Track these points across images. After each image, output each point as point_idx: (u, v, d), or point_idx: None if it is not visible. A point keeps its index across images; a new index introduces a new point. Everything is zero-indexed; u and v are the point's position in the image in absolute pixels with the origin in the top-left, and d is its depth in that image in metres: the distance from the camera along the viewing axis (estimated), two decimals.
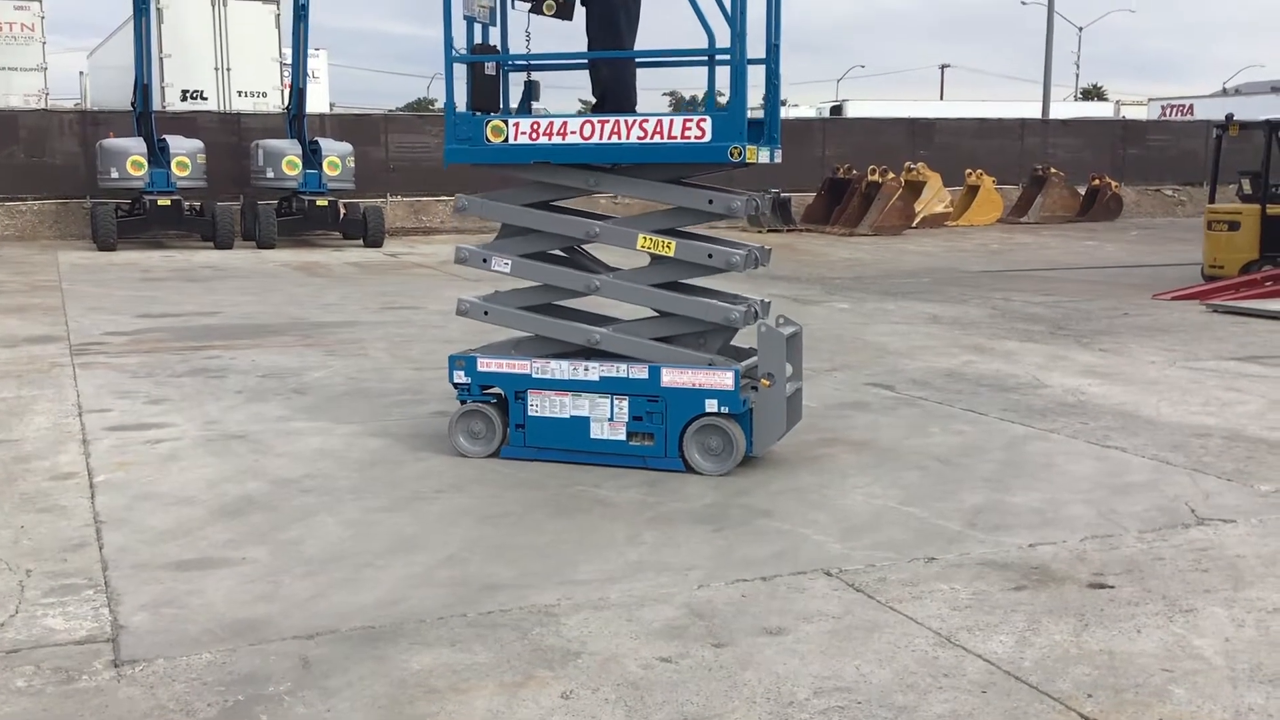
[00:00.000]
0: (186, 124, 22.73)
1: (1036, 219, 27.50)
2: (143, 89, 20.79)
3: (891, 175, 25.06)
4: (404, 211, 25.39)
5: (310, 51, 22.58)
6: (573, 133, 6.20)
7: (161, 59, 23.58)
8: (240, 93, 25.07)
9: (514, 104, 6.75)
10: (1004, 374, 9.06)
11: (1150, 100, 48.79)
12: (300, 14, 20.79)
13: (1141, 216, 30.12)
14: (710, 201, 6.21)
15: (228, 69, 24.93)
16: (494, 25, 6.71)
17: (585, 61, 6.70)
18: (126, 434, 7.07)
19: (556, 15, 6.56)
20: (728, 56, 5.99)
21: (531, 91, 6.81)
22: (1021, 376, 8.96)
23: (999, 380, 8.81)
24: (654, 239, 6.28)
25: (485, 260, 6.56)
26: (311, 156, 21.23)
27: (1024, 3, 57.54)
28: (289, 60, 22.74)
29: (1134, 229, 26.36)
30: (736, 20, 5.93)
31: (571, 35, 6.66)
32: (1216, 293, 13.69)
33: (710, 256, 6.23)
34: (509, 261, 6.51)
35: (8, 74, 26.00)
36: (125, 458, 6.54)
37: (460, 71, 6.44)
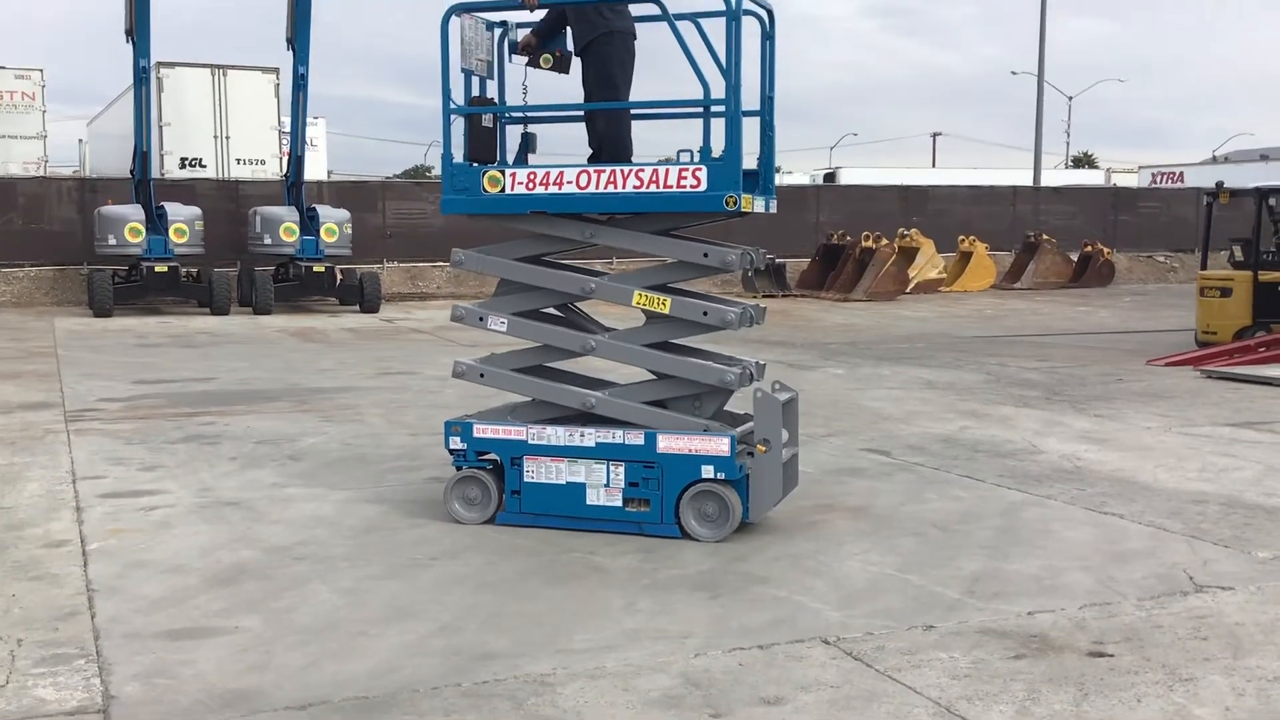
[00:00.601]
0: (185, 191, 22.88)
1: (1029, 285, 27.67)
2: (142, 156, 20.96)
3: (885, 241, 25.24)
4: (400, 277, 25.49)
5: (309, 119, 22.81)
6: (569, 182, 6.24)
7: (161, 127, 23.81)
8: (239, 160, 25.27)
9: (511, 156, 6.82)
10: (1000, 440, 9.06)
11: (1141, 168, 49.28)
12: (299, 83, 21.04)
13: (1134, 283, 30.30)
14: (705, 255, 6.23)
15: (227, 137, 25.15)
16: (491, 78, 6.79)
17: (582, 114, 6.78)
18: (120, 501, 7.04)
19: (554, 69, 6.65)
20: (723, 108, 6.05)
21: (529, 144, 6.87)
22: (1017, 442, 8.95)
23: (995, 446, 8.80)
24: (650, 296, 6.29)
25: (481, 318, 6.56)
26: (309, 223, 21.36)
27: (1015, 73, 58.40)
28: (288, 128, 22.96)
29: (1126, 295, 26.51)
30: (731, 72, 6.00)
31: (568, 96, 6.77)
32: (1210, 358, 13.74)
33: (706, 314, 6.22)
34: (505, 320, 6.52)
35: (7, 141, 26.25)
36: (118, 525, 6.50)
37: (458, 123, 6.51)
